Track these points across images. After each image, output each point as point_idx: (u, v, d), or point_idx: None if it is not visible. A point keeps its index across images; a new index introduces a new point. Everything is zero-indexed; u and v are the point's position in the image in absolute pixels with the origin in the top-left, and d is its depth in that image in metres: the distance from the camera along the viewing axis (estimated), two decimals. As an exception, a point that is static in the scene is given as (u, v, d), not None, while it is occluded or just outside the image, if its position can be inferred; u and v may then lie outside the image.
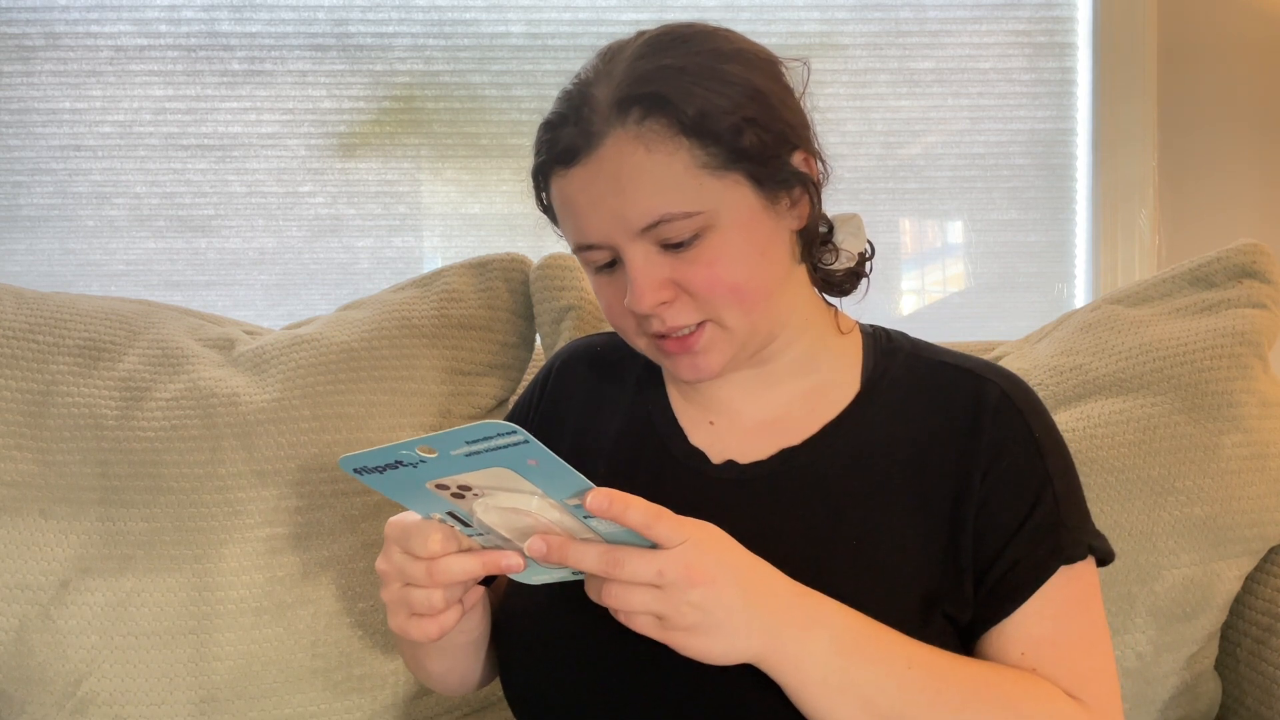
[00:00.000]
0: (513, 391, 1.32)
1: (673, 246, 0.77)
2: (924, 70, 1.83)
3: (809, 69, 0.83)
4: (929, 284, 1.89)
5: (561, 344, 1.30)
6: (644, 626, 0.68)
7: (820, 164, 0.83)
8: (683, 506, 0.81)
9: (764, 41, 0.83)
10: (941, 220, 1.88)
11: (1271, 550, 1.22)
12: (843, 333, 0.88)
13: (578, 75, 0.80)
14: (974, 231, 1.87)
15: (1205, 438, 1.18)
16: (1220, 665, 1.23)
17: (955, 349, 0.91)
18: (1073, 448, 1.20)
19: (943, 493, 0.80)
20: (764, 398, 0.87)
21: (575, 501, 0.67)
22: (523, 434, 0.61)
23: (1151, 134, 1.80)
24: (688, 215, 0.75)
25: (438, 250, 1.84)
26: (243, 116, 1.79)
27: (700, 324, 0.79)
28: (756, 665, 0.71)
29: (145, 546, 1.14)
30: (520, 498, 0.68)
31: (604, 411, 0.93)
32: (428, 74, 1.80)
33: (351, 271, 1.81)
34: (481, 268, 1.34)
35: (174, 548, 1.15)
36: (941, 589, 0.79)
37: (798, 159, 0.80)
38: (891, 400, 0.85)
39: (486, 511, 0.69)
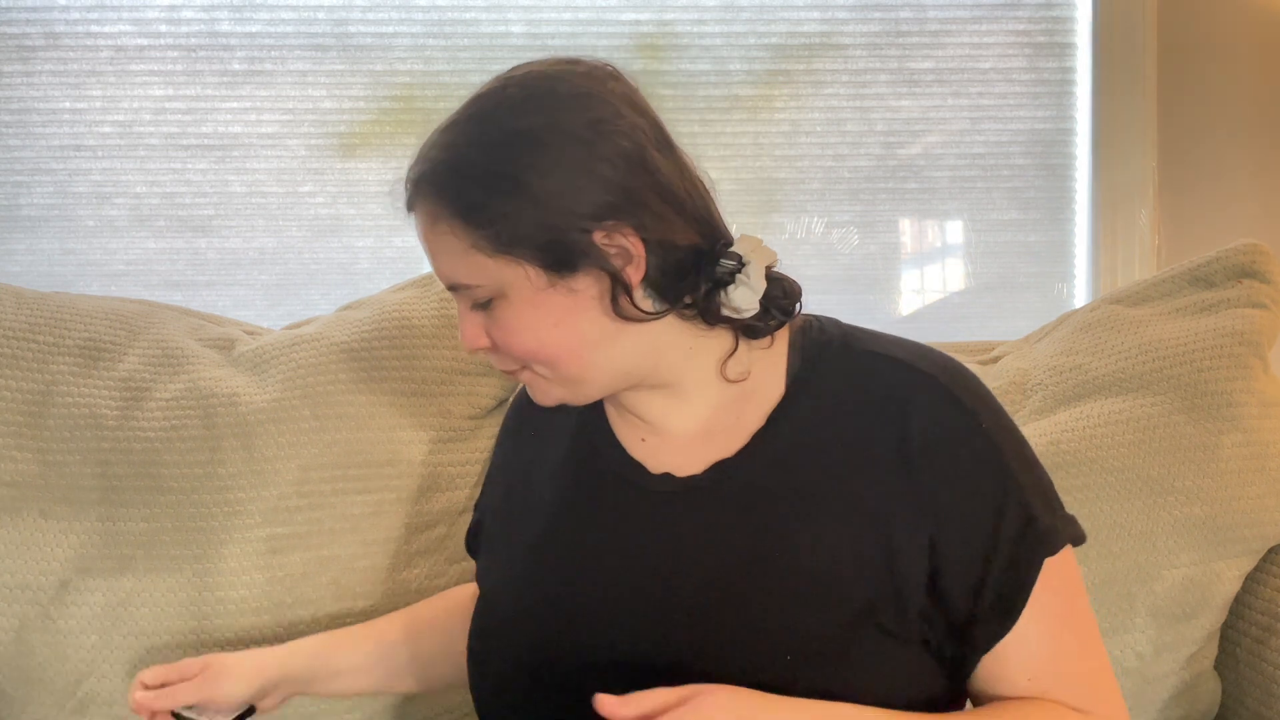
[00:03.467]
0: (512, 391, 1.32)
1: (479, 305, 0.82)
2: (924, 70, 1.83)
3: (654, 125, 0.82)
4: (929, 284, 1.89)
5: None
6: None
7: (642, 235, 0.78)
8: (622, 521, 0.84)
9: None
10: (941, 220, 1.87)
11: (1271, 550, 1.22)
12: (729, 380, 0.84)
13: (441, 119, 0.83)
14: (974, 231, 1.86)
15: (1205, 437, 1.18)
16: (1220, 665, 1.22)
17: (899, 337, 0.87)
18: (1072, 447, 1.20)
19: (877, 497, 0.78)
20: (687, 413, 0.86)
21: None
22: None
23: (1151, 134, 1.80)
24: (469, 287, 0.81)
25: (438, 250, 1.83)
26: (243, 116, 1.79)
27: (520, 368, 0.84)
28: None
29: (145, 546, 1.14)
30: None
31: (553, 439, 0.94)
32: (428, 74, 1.80)
33: (351, 271, 1.81)
34: (481, 268, 1.34)
35: (174, 548, 1.15)
36: (879, 599, 0.77)
37: (599, 237, 0.78)
38: (820, 399, 0.83)
39: None
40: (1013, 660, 0.78)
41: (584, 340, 0.81)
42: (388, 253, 1.82)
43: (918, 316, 1.88)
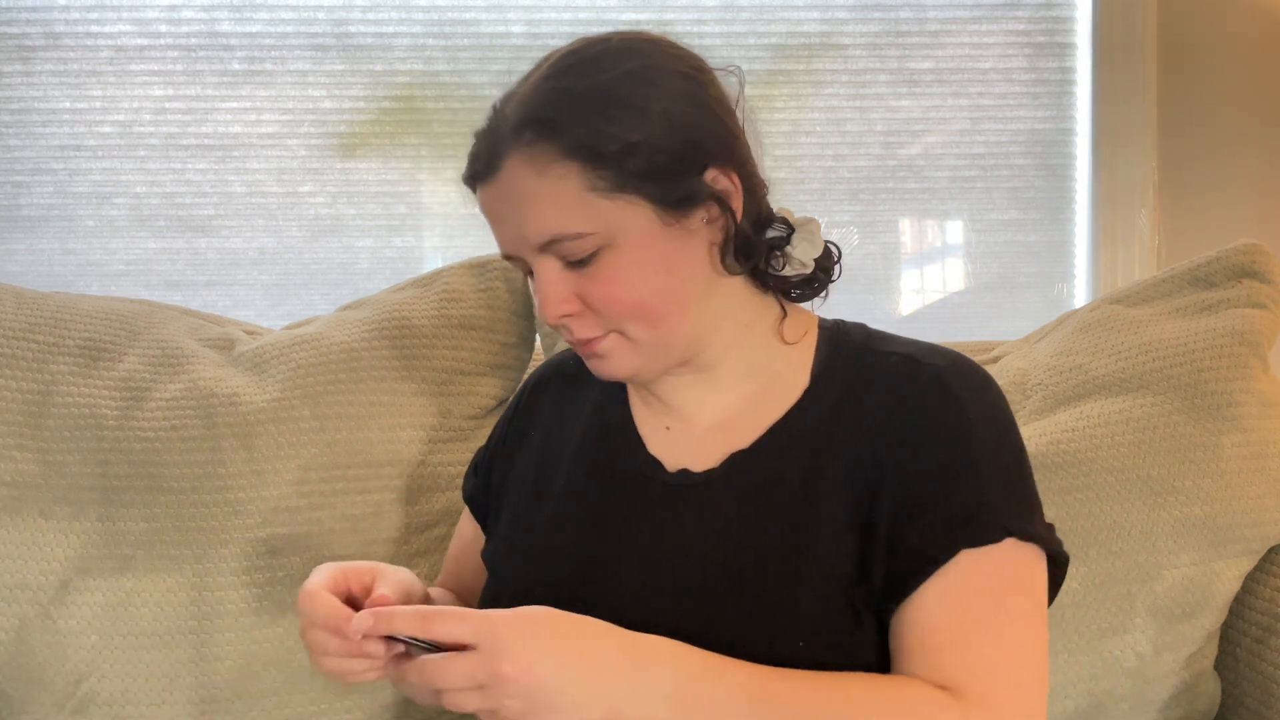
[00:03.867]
0: (512, 391, 1.32)
1: (575, 263, 0.79)
2: (924, 70, 1.83)
3: (742, 79, 0.85)
4: (929, 284, 1.89)
5: (560, 344, 1.30)
6: None
7: (741, 177, 0.82)
8: (634, 515, 0.84)
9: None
10: (941, 220, 1.88)
11: (1271, 550, 1.22)
12: (787, 343, 0.87)
13: (510, 84, 0.83)
14: (974, 231, 1.87)
15: (1205, 437, 1.18)
16: (1220, 665, 1.23)
17: (921, 340, 0.88)
18: (1072, 447, 1.20)
19: (865, 483, 0.79)
20: (714, 401, 0.87)
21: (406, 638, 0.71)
22: None
23: (1151, 134, 1.80)
24: (580, 236, 0.78)
25: (438, 250, 1.84)
26: (243, 116, 1.79)
27: (606, 333, 0.82)
28: None
29: (145, 546, 1.14)
30: None
31: (569, 422, 0.94)
32: (428, 74, 1.80)
33: (351, 271, 1.81)
34: (481, 268, 1.34)
35: (174, 548, 1.15)
36: (857, 581, 0.77)
37: (710, 176, 0.80)
38: (835, 395, 0.84)
39: None
40: (909, 619, 0.76)
41: (690, 290, 0.81)
42: (388, 253, 1.82)
43: (918, 316, 1.88)
